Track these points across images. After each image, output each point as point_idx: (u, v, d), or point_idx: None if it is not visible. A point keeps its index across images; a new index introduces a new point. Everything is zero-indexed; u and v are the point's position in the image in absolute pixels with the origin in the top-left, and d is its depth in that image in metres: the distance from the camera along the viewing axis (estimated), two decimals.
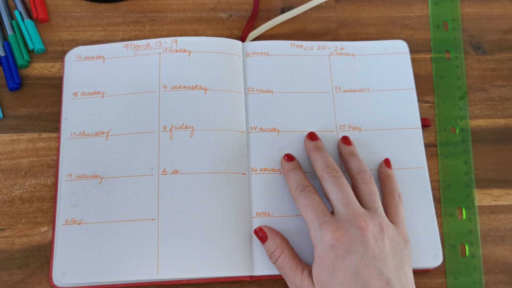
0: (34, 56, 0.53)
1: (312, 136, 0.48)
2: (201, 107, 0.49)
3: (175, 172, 0.47)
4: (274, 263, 0.43)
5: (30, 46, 0.53)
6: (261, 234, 0.44)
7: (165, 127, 0.48)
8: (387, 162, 0.48)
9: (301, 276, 0.41)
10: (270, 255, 0.43)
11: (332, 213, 0.42)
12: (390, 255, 0.40)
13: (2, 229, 0.46)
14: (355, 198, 0.42)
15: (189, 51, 0.51)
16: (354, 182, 0.45)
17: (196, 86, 0.50)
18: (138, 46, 0.52)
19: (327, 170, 0.44)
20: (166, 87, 0.50)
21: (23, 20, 0.54)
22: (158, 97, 0.50)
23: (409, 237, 0.43)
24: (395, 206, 0.44)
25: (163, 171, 0.47)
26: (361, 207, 0.42)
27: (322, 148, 0.47)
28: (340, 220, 0.41)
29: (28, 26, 0.53)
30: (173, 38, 0.52)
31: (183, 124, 0.48)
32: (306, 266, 0.42)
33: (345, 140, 0.48)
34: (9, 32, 0.53)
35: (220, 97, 0.50)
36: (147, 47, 0.52)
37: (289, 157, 0.47)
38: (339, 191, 0.42)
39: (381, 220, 0.42)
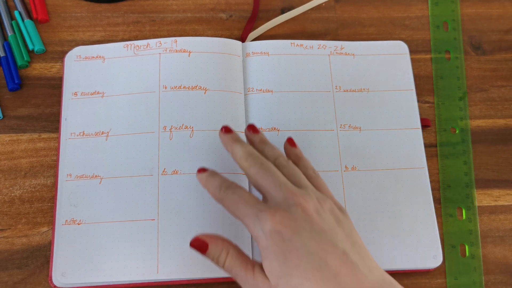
0: (34, 57, 0.53)
1: (226, 130, 0.44)
2: (201, 107, 0.49)
3: (175, 172, 0.47)
4: (223, 267, 0.39)
5: (30, 47, 0.52)
6: (198, 244, 0.39)
7: (165, 128, 0.48)
8: (290, 142, 0.45)
9: (253, 273, 0.38)
10: (217, 261, 0.39)
11: (265, 201, 0.40)
12: (336, 225, 0.38)
13: (2, 230, 0.46)
14: (285, 179, 0.40)
15: (189, 52, 0.51)
16: None
17: (196, 87, 0.50)
18: (138, 46, 0.52)
19: (250, 159, 0.41)
20: (166, 87, 0.50)
21: (23, 20, 0.54)
22: (158, 97, 0.50)
23: (342, 205, 0.41)
24: (315, 181, 0.42)
25: (163, 171, 0.47)
26: (293, 185, 0.39)
27: (239, 139, 0.43)
28: (277, 204, 0.38)
29: (28, 26, 0.53)
30: (173, 39, 0.52)
31: (182, 124, 0.48)
32: (256, 262, 0.39)
33: (252, 129, 0.45)
34: (9, 32, 0.53)
35: (220, 97, 0.50)
36: (147, 47, 0.52)
37: (202, 169, 0.43)
38: (267, 176, 0.39)
39: (316, 194, 0.40)
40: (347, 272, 0.36)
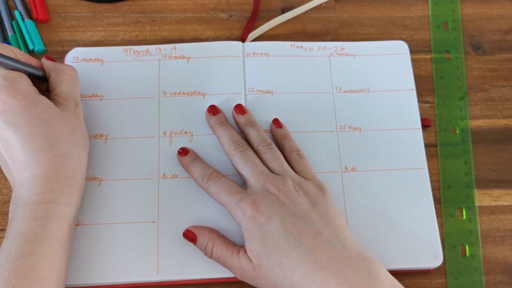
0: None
1: (213, 110, 0.48)
2: (200, 112, 0.49)
3: (175, 176, 0.47)
4: (211, 257, 0.43)
5: (31, 47, 0.53)
6: (190, 236, 0.44)
7: (164, 133, 0.49)
8: (276, 123, 0.49)
9: (238, 257, 0.42)
10: (205, 251, 0.43)
11: (246, 187, 0.44)
12: (311, 208, 0.42)
13: (2, 229, 0.46)
14: (264, 167, 0.44)
15: (188, 58, 0.52)
16: (257, 154, 0.46)
17: (195, 92, 0.50)
18: (137, 51, 0.52)
19: (233, 147, 0.45)
20: (165, 93, 0.50)
21: (23, 20, 0.54)
22: (158, 103, 0.50)
23: (324, 184, 0.45)
24: (299, 163, 0.46)
25: (163, 175, 0.47)
26: (270, 173, 0.44)
27: (225, 122, 0.48)
28: (254, 192, 0.42)
29: (28, 26, 0.53)
30: (172, 45, 0.52)
31: (182, 129, 0.49)
32: (240, 247, 0.43)
33: (239, 109, 0.49)
34: (9, 32, 0.53)
35: (218, 101, 0.50)
36: (146, 53, 0.52)
37: (183, 151, 0.47)
38: (247, 166, 0.44)
39: (291, 180, 0.43)
40: (321, 249, 0.39)
